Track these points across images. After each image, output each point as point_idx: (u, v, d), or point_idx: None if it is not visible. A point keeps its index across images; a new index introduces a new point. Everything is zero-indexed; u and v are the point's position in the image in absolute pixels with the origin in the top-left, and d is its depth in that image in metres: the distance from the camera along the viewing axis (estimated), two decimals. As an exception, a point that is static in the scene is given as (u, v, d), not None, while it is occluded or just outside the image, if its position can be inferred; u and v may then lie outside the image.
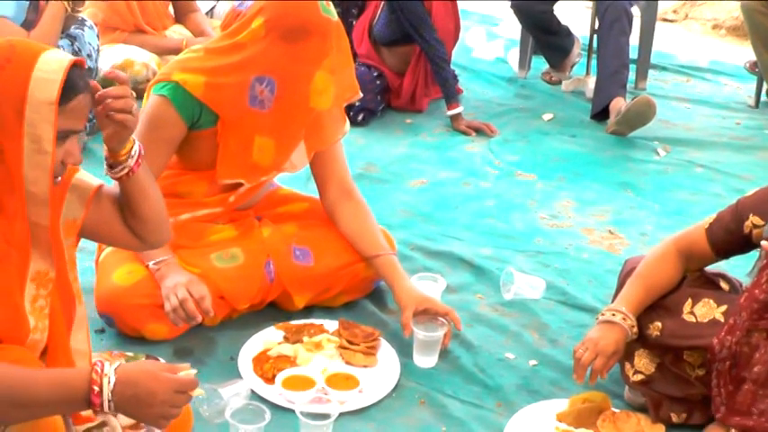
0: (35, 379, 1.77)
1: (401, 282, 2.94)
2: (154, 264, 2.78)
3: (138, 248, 2.30)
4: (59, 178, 1.96)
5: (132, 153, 2.12)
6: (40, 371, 1.82)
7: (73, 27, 4.31)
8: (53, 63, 1.84)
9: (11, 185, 1.85)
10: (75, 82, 1.87)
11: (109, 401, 1.79)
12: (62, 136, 1.88)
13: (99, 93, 2.00)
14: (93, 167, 2.32)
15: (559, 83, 5.45)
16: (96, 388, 1.78)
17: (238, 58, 2.80)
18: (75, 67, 1.89)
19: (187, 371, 1.92)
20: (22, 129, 1.81)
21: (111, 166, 2.13)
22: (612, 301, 2.69)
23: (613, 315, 2.57)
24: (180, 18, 5.24)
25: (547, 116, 5.00)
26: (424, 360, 2.84)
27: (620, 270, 2.82)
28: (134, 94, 2.08)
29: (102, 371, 1.80)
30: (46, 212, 1.90)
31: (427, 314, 2.86)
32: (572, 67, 5.52)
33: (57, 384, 1.79)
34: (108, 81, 2.11)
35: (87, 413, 1.97)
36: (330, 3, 2.82)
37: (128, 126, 2.04)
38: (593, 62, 5.24)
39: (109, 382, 1.79)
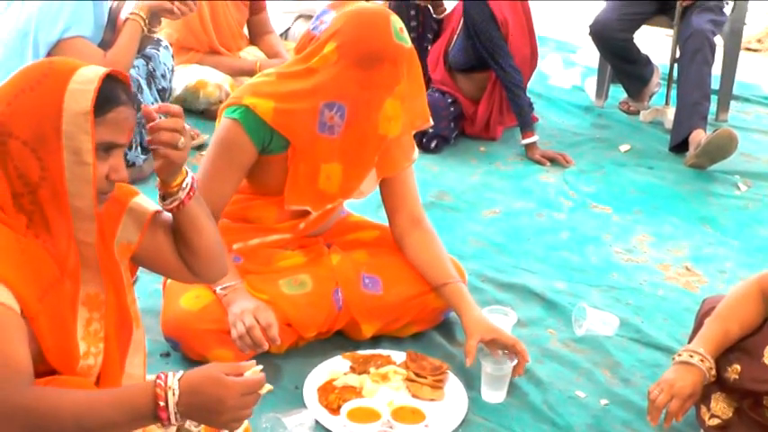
0: (99, 401, 1.75)
1: (469, 310, 2.89)
2: (221, 289, 2.76)
3: (190, 281, 2.26)
4: (107, 195, 1.94)
5: (184, 185, 2.09)
6: (102, 392, 1.80)
7: (149, 47, 4.35)
8: (88, 74, 1.84)
9: (56, 203, 1.83)
10: (113, 93, 1.86)
11: (175, 414, 1.76)
12: (104, 148, 1.87)
13: (150, 124, 1.99)
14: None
15: (637, 113, 5.37)
16: (162, 402, 1.75)
17: (309, 84, 2.78)
18: (116, 80, 1.88)
19: (253, 368, 1.86)
20: (60, 142, 1.80)
21: (162, 197, 2.10)
22: (689, 342, 2.61)
23: (691, 356, 2.48)
24: (254, 39, 5.28)
25: (624, 147, 4.92)
26: (493, 395, 2.78)
27: (697, 309, 2.73)
28: (187, 127, 2.05)
29: (166, 383, 1.76)
30: (92, 228, 1.89)
31: (495, 345, 2.80)
32: (651, 96, 5.43)
33: (121, 403, 1.76)
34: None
35: None
36: (404, 29, 2.79)
37: (174, 160, 2.01)
38: (673, 92, 5.14)
39: (174, 395, 1.76)
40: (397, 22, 2.77)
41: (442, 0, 5.00)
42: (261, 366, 1.88)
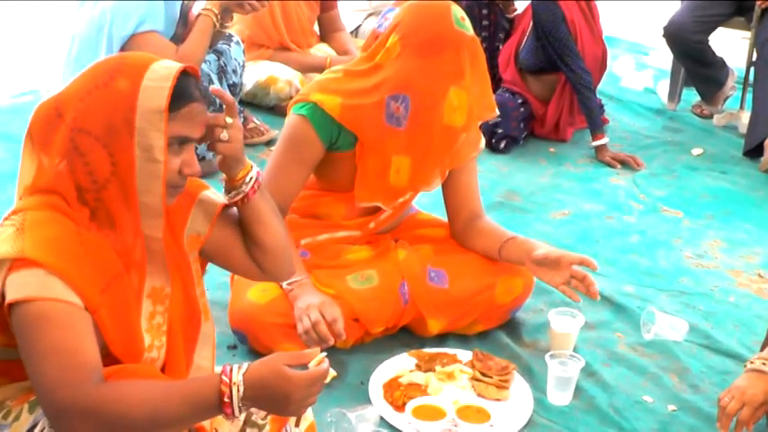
0: (168, 396, 1.75)
1: (538, 243, 2.94)
2: (287, 284, 2.77)
3: (257, 278, 2.24)
4: (179, 189, 1.95)
5: (248, 179, 2.09)
6: (170, 386, 1.79)
7: (220, 42, 4.38)
8: (162, 71, 1.84)
9: (125, 199, 1.84)
10: (187, 89, 1.87)
11: (240, 408, 1.76)
12: (177, 143, 1.87)
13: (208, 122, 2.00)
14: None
15: (711, 116, 5.28)
16: (227, 399, 1.75)
17: (374, 80, 2.80)
18: (188, 75, 1.88)
19: (317, 357, 1.85)
20: (133, 139, 1.81)
21: (227, 191, 2.11)
22: (761, 350, 2.56)
23: (764, 364, 2.44)
24: (325, 36, 5.29)
25: (696, 151, 4.85)
26: (559, 397, 2.76)
27: (770, 316, 2.70)
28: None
29: (231, 378, 1.76)
30: (159, 224, 1.90)
31: (561, 262, 2.83)
32: (725, 100, 5.33)
33: (189, 398, 1.76)
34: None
35: None
36: (465, 18, 2.79)
37: (222, 153, 2.03)
38: (749, 96, 5.05)
39: (239, 390, 1.75)
40: (458, 11, 2.77)
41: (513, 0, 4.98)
42: (325, 354, 1.86)
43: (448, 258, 3.02)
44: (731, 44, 5.91)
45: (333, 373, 1.88)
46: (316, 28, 5.31)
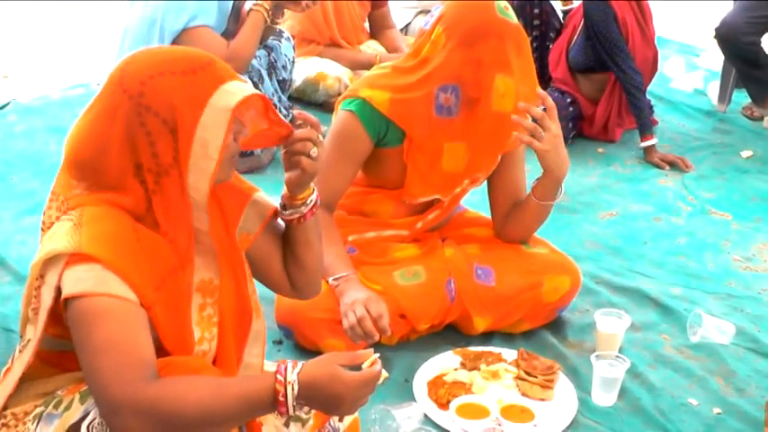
0: (222, 395, 1.76)
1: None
2: (334, 279, 2.79)
3: (286, 293, 2.27)
4: (230, 175, 1.98)
5: (309, 201, 2.13)
6: (223, 384, 1.79)
7: (271, 38, 4.42)
8: (240, 85, 1.87)
9: (181, 188, 1.85)
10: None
11: (294, 407, 1.77)
12: (234, 137, 1.91)
13: (289, 135, 2.02)
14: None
15: (761, 118, 5.22)
16: (281, 398, 1.76)
17: (422, 73, 2.81)
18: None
19: (371, 358, 1.86)
20: (194, 133, 1.82)
21: (284, 207, 2.14)
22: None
23: (811, 369, 2.43)
24: (375, 33, 5.31)
25: (746, 153, 4.80)
26: (604, 398, 2.75)
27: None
28: (322, 136, 2.08)
29: (286, 378, 1.76)
30: (205, 218, 1.90)
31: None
32: (776, 102, 5.28)
33: (244, 396, 1.77)
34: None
35: None
36: (509, 8, 2.80)
37: (304, 168, 2.05)
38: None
39: (293, 389, 1.76)
40: (502, 2, 2.78)
41: None
42: (378, 355, 1.88)
43: (495, 256, 3.02)
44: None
45: (385, 374, 1.89)
46: (366, 25, 5.33)
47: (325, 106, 4.89)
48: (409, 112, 2.82)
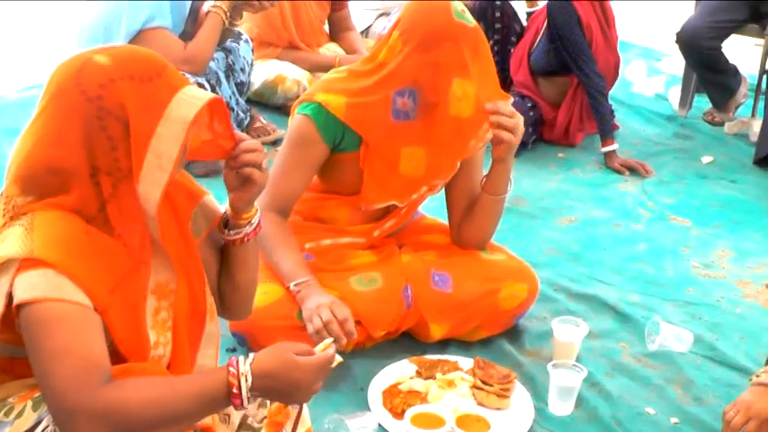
0: (179, 392, 1.75)
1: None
2: (294, 285, 2.74)
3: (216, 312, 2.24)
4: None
5: (253, 221, 2.11)
6: (179, 382, 1.79)
7: (229, 40, 4.38)
8: (196, 92, 1.84)
9: (135, 196, 1.82)
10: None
11: (248, 398, 1.76)
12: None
13: (234, 147, 1.99)
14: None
15: (722, 124, 5.23)
16: (235, 390, 1.75)
17: (378, 77, 2.79)
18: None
19: (323, 342, 1.88)
20: (149, 142, 1.78)
21: (226, 225, 2.11)
22: (767, 362, 2.53)
23: (770, 378, 2.41)
24: (335, 36, 5.27)
25: (706, 159, 4.80)
26: (560, 407, 2.73)
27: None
28: (266, 150, 2.05)
29: (238, 370, 1.76)
30: (155, 225, 1.86)
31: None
32: (737, 107, 5.26)
33: (198, 393, 1.75)
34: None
35: None
36: (466, 11, 2.77)
37: (255, 181, 2.02)
38: (761, 104, 5.01)
39: (247, 380, 1.75)
40: (458, 4, 2.76)
41: None
42: (332, 339, 1.90)
43: (452, 262, 2.99)
44: (744, 51, 5.86)
45: (339, 358, 1.90)
46: (326, 28, 5.28)
47: (284, 109, 4.84)
48: (366, 117, 2.79)
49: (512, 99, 2.92)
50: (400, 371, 2.79)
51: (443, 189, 3.04)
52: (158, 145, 1.78)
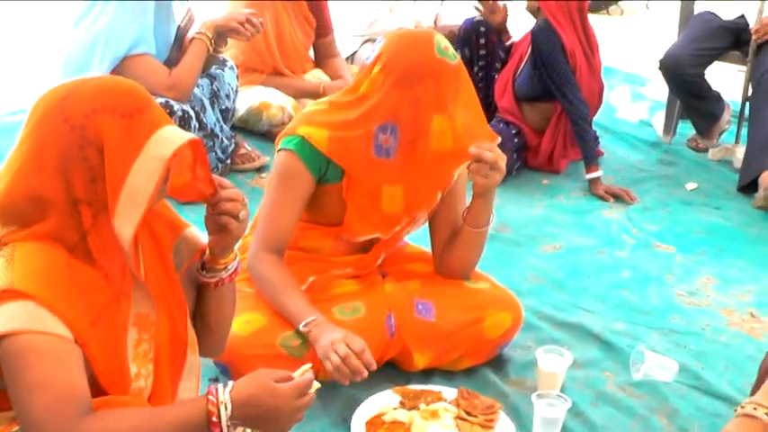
0: (159, 422, 1.75)
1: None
2: (304, 326, 2.70)
3: None
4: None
5: (230, 267, 2.11)
6: (157, 412, 1.79)
7: (214, 67, 4.37)
8: (178, 132, 1.85)
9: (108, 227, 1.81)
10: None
11: (229, 427, 1.76)
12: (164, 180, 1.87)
13: (214, 193, 1.99)
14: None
15: (706, 150, 5.25)
16: (215, 419, 1.75)
17: (360, 111, 2.77)
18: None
19: (302, 368, 1.89)
20: (126, 177, 1.78)
21: (203, 268, 2.11)
22: (752, 392, 2.51)
23: (755, 409, 2.36)
24: (320, 62, 5.28)
25: (690, 185, 4.81)
26: (545, 438, 2.71)
27: (762, 358, 2.64)
28: (246, 201, 2.05)
29: (218, 398, 1.76)
30: (131, 260, 1.85)
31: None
32: (720, 134, 5.31)
33: (177, 422, 1.76)
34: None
35: None
36: (449, 47, 2.76)
37: (232, 231, 2.02)
38: (744, 130, 5.02)
39: (226, 409, 1.76)
40: (441, 40, 2.74)
41: (507, 29, 4.97)
42: (310, 365, 1.92)
43: (436, 291, 2.97)
44: (727, 77, 5.89)
45: (317, 384, 1.91)
46: (311, 54, 5.28)
47: (269, 135, 4.84)
48: (348, 151, 2.78)
49: (499, 139, 2.89)
50: (384, 401, 2.77)
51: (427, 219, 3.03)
52: (134, 180, 1.78)
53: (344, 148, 2.78)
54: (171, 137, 1.82)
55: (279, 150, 2.85)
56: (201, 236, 2.13)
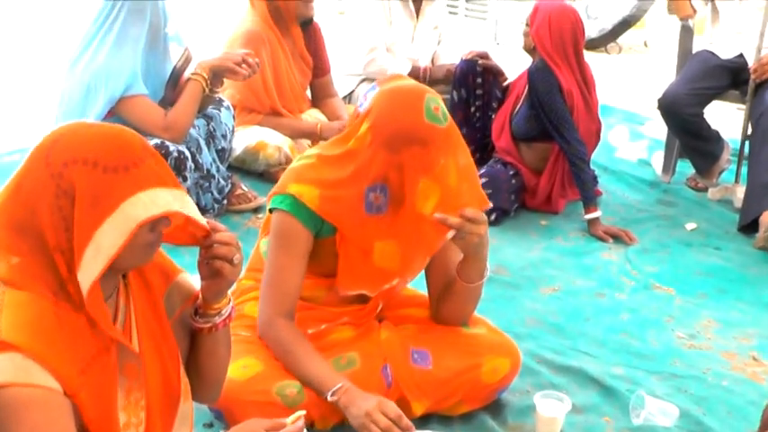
0: None
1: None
2: (332, 395, 2.66)
3: None
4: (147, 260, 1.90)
5: (224, 311, 2.08)
6: None
7: (210, 107, 4.36)
8: (161, 199, 1.80)
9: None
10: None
11: None
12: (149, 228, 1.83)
13: (206, 237, 1.96)
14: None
15: (705, 190, 5.21)
16: None
17: (350, 171, 2.73)
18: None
19: (294, 415, 1.88)
20: (93, 232, 1.75)
21: (196, 313, 2.08)
22: (754, 439, 2.48)
23: (758, 458, 2.35)
24: (317, 102, 5.25)
25: (690, 225, 4.76)
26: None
27: (765, 403, 2.59)
28: (240, 244, 2.02)
29: None
30: (99, 316, 1.81)
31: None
32: (720, 173, 5.27)
33: None
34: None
35: None
36: (439, 108, 2.69)
37: (225, 276, 1.99)
38: (744, 170, 4.98)
39: None
40: (431, 101, 2.67)
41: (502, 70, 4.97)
42: (304, 412, 1.92)
43: (432, 337, 2.93)
44: (726, 115, 5.87)
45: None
46: (308, 93, 5.27)
47: (266, 176, 4.82)
48: (340, 210, 2.75)
49: (490, 205, 2.85)
50: (380, 448, 2.72)
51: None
52: (101, 237, 1.75)
53: (336, 207, 2.74)
54: (153, 201, 1.78)
55: (271, 210, 2.82)
56: (194, 281, 2.10)
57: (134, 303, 1.95)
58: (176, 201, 1.82)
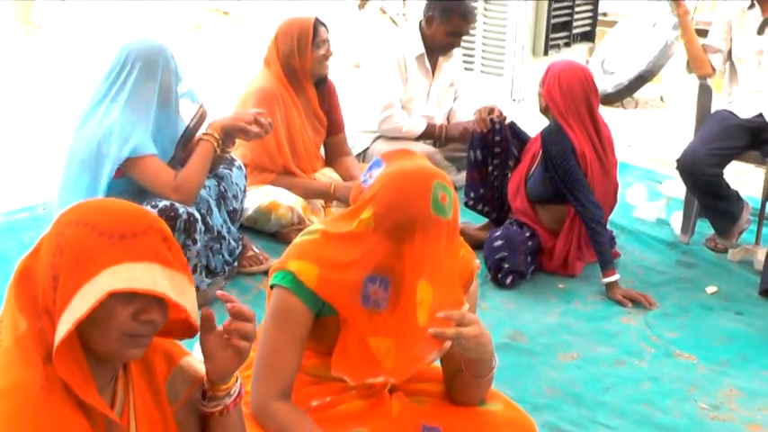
0: None
1: None
2: None
3: None
4: (146, 338, 1.81)
5: (233, 391, 2.00)
6: None
7: (221, 167, 4.29)
8: (142, 276, 1.72)
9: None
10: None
11: None
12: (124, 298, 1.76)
13: (231, 307, 1.93)
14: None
15: (725, 251, 5.10)
16: None
17: (352, 255, 2.60)
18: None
19: None
20: (75, 292, 1.69)
21: (206, 397, 1.99)
22: None
23: None
24: (331, 161, 5.19)
25: (710, 289, 4.65)
26: None
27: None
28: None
29: None
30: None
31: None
32: (740, 234, 5.15)
33: None
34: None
35: None
36: (447, 197, 2.54)
37: (241, 355, 1.94)
38: (765, 230, 4.90)
39: None
40: (439, 188, 2.53)
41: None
42: None
43: (445, 413, 2.80)
44: (746, 174, 5.78)
45: None
46: (322, 152, 5.21)
47: (278, 236, 4.74)
48: (337, 294, 2.62)
49: (466, 306, 2.67)
50: None
51: None
52: (76, 300, 1.68)
53: (334, 291, 2.62)
54: (134, 276, 1.70)
55: (272, 286, 2.71)
56: (199, 365, 2.01)
57: (134, 391, 1.86)
58: (168, 283, 1.74)
